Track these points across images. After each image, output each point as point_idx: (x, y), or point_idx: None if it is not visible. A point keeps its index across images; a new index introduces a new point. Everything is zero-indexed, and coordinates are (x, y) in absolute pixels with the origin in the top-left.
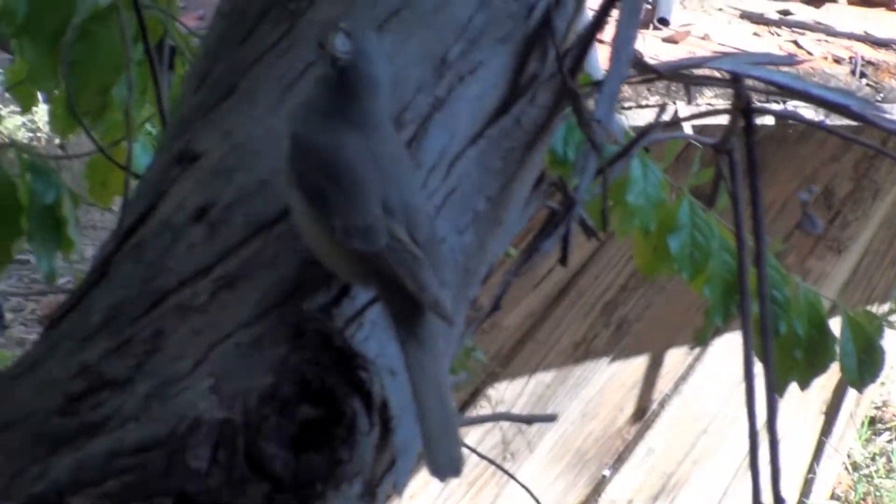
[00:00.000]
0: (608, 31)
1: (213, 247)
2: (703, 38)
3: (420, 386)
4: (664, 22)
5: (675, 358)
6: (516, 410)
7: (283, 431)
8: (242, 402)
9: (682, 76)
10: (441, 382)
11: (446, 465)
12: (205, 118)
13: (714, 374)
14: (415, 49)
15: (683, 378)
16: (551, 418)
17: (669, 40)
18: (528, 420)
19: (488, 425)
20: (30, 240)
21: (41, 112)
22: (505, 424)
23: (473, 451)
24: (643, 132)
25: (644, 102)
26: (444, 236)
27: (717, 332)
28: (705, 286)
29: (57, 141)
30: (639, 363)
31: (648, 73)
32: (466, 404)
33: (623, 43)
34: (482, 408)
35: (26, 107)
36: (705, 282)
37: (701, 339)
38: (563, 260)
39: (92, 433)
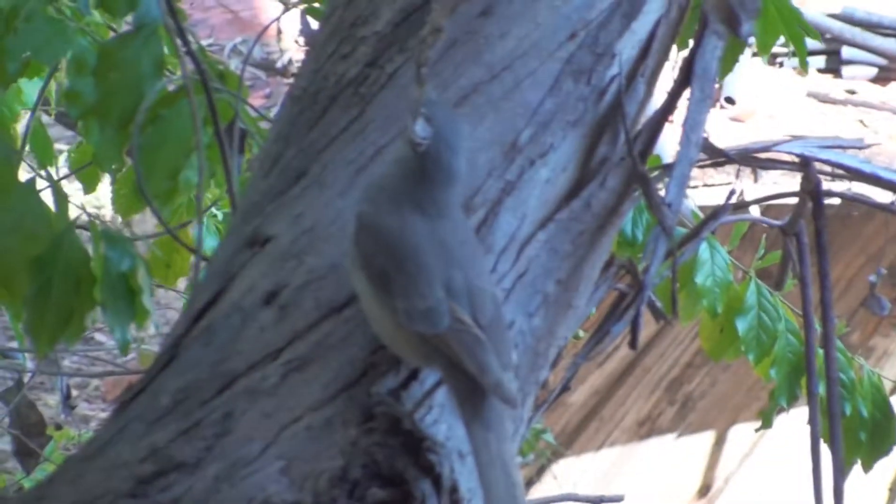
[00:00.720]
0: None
1: (283, 330)
2: (769, 118)
3: (486, 468)
4: (730, 101)
5: (740, 435)
6: (581, 488)
7: None
8: (312, 485)
9: (752, 160)
10: (508, 464)
11: None
12: (275, 202)
13: (779, 452)
14: (485, 133)
15: (748, 455)
16: (619, 498)
17: (736, 119)
18: (596, 501)
19: None
20: (103, 309)
21: (105, 190)
22: None
23: None
24: (712, 215)
25: (710, 182)
26: (513, 319)
27: (782, 408)
28: (771, 368)
29: (120, 220)
30: (703, 440)
31: (718, 157)
32: (532, 482)
33: (693, 126)
34: (547, 485)
35: (90, 187)
36: (771, 364)
37: (766, 422)
38: (632, 343)
39: None
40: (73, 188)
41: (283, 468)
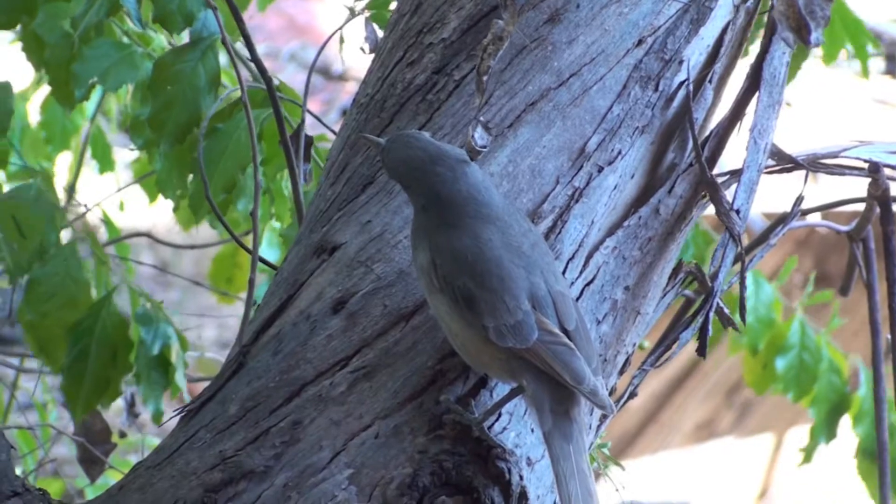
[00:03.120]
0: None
1: (352, 337)
2: (829, 121)
3: (565, 480)
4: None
5: (798, 439)
6: (639, 493)
7: None
8: (381, 493)
9: (820, 165)
10: (586, 476)
11: None
12: (343, 210)
13: (837, 456)
14: (553, 140)
15: (806, 458)
16: None
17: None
18: None
19: None
20: (137, 383)
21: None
22: None
23: None
24: (779, 220)
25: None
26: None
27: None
28: (811, 406)
29: (177, 229)
30: (762, 444)
31: (787, 163)
32: None
33: (762, 132)
34: (605, 490)
35: (153, 197)
36: (811, 402)
37: (807, 457)
38: (700, 351)
39: None
40: (134, 195)
41: (352, 476)
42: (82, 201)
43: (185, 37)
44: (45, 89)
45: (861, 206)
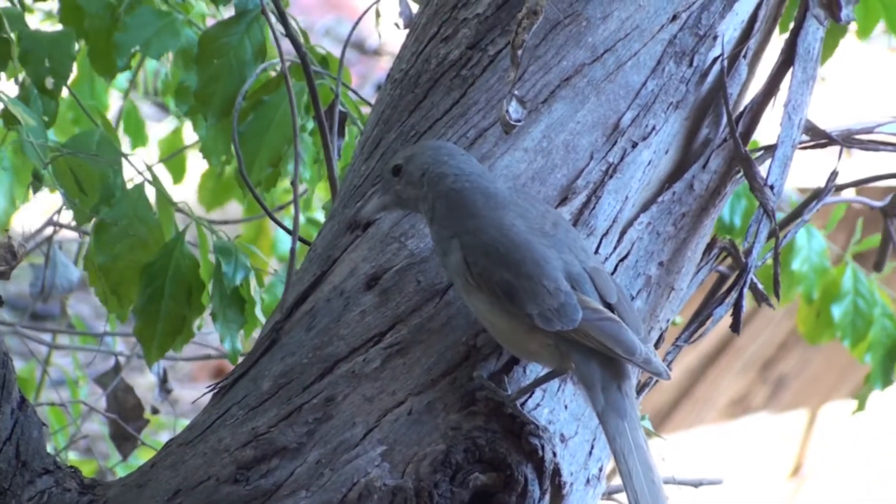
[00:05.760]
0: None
1: (385, 313)
2: (863, 96)
3: (625, 456)
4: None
5: (833, 415)
6: (673, 468)
7: (455, 498)
8: (414, 469)
9: (854, 141)
10: (644, 450)
11: None
12: (376, 185)
13: (872, 431)
14: (587, 116)
15: (841, 435)
16: (717, 482)
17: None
18: (695, 483)
19: None
20: (214, 320)
21: (189, 181)
22: None
23: None
24: (814, 196)
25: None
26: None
27: None
28: (867, 353)
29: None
30: (796, 420)
31: (821, 138)
32: None
33: (796, 108)
34: None
35: (178, 177)
36: (867, 349)
37: (860, 405)
38: (734, 327)
39: (263, 501)
40: (160, 173)
41: (385, 452)
42: None
43: (224, 12)
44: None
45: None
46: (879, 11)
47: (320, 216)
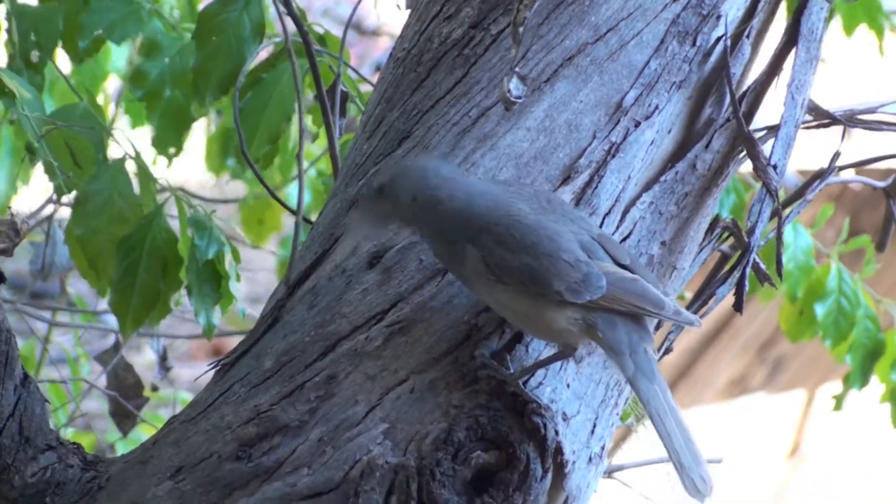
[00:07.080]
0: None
1: (387, 292)
2: (866, 77)
3: (661, 418)
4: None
5: (831, 395)
6: None
7: (457, 476)
8: (416, 447)
9: (857, 121)
10: (678, 412)
11: (703, 486)
12: (378, 164)
13: (870, 412)
14: (590, 95)
15: (839, 415)
16: (717, 461)
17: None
18: None
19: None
20: (189, 294)
21: (190, 157)
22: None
23: None
24: (816, 176)
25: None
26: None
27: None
28: (847, 354)
29: (212, 183)
30: (794, 401)
31: (824, 118)
32: (621, 442)
33: (799, 87)
34: (636, 445)
35: (170, 161)
36: (848, 349)
37: (838, 405)
38: (737, 306)
39: (265, 478)
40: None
41: (387, 430)
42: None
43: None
44: None
45: None
46: (861, 16)
47: None
